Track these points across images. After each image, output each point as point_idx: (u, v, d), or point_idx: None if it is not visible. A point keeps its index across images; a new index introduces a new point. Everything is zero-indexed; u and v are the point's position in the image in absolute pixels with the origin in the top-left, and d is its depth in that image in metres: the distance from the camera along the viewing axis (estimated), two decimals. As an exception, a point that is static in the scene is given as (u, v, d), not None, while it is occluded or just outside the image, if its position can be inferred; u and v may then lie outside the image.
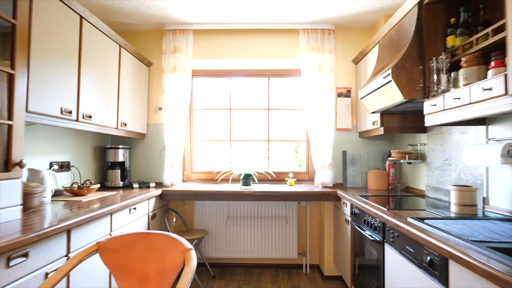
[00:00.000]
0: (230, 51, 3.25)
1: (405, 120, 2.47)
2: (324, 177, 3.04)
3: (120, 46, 2.63)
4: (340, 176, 3.25)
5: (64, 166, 2.46)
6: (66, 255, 1.55)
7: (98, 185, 2.44)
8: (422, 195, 2.46)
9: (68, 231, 1.56)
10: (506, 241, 1.19)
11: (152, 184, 3.04)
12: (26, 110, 1.63)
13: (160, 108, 3.31)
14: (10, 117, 1.49)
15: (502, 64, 1.30)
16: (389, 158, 2.74)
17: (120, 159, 3.00)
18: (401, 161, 2.59)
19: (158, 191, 2.75)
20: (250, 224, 3.19)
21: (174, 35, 3.13)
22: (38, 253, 1.36)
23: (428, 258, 1.31)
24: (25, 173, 2.02)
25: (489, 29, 1.42)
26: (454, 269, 1.15)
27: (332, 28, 3.10)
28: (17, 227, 1.37)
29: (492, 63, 1.34)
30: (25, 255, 1.28)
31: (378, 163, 3.12)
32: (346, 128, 3.24)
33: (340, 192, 2.68)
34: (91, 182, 2.46)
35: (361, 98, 2.48)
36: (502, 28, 1.32)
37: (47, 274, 1.41)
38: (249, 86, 3.50)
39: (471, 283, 1.06)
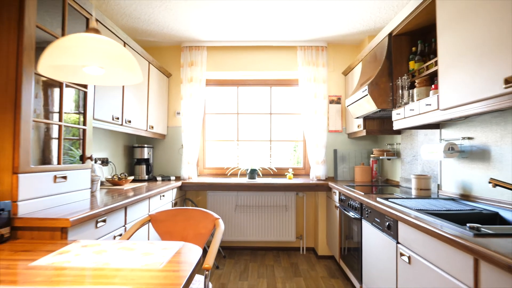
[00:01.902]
0: (238, 64, 3.80)
1: (383, 124, 3.02)
2: (318, 172, 3.59)
3: (149, 62, 3.17)
4: (332, 171, 3.80)
5: (104, 161, 2.99)
6: (123, 225, 2.08)
7: (133, 177, 2.98)
8: (397, 185, 3.01)
9: (125, 208, 2.10)
10: (438, 209, 1.74)
11: (172, 178, 3.58)
12: (93, 118, 2.18)
13: (178, 113, 3.85)
14: (84, 123, 2.03)
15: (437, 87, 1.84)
16: (371, 155, 3.29)
17: (145, 156, 3.54)
18: (381, 157, 3.14)
19: (179, 183, 3.29)
20: (255, 212, 3.73)
21: (191, 51, 3.67)
22: (110, 221, 1.90)
23: (387, 223, 1.86)
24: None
25: (432, 61, 1.96)
26: (401, 227, 1.70)
27: (325, 45, 3.65)
28: (90, 204, 1.90)
29: (433, 86, 1.89)
30: (104, 221, 1.82)
31: (363, 160, 3.67)
32: (337, 130, 3.79)
33: (331, 184, 3.23)
34: (125, 175, 3.00)
35: (347, 106, 3.02)
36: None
37: (114, 237, 1.95)
38: (254, 94, 4.06)
39: (409, 234, 1.61)
